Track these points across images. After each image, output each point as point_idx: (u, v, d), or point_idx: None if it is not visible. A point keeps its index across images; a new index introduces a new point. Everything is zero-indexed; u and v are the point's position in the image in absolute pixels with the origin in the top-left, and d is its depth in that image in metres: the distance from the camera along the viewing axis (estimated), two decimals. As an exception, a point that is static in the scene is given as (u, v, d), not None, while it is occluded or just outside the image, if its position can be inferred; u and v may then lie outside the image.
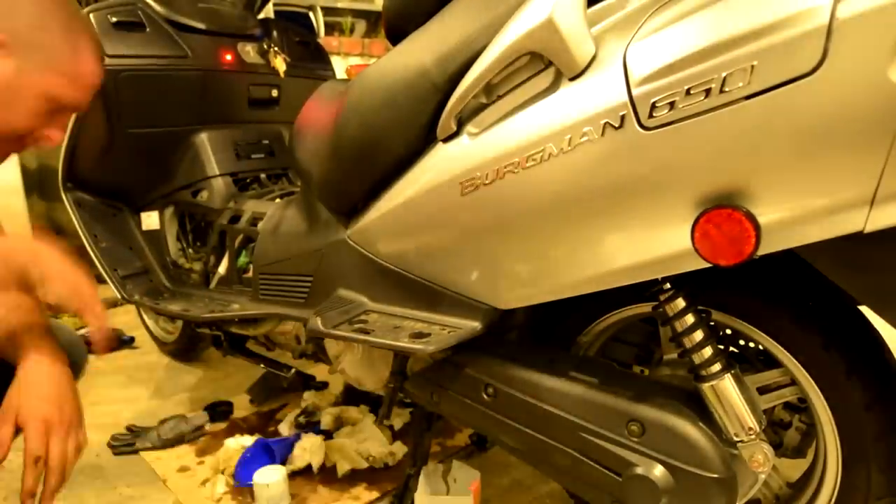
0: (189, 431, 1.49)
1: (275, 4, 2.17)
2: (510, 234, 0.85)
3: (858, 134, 0.58)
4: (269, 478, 1.26)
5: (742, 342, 0.96)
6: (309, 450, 1.40)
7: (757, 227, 0.66)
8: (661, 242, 0.74)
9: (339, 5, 3.91)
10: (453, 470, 1.22)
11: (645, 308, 0.93)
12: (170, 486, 1.40)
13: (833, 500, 0.86)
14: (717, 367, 0.83)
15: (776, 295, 0.84)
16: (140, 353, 2.16)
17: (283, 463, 1.38)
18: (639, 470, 0.83)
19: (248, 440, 1.44)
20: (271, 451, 1.37)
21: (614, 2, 0.76)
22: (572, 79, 0.75)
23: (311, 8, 2.15)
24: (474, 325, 0.94)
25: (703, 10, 0.65)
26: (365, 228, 1.04)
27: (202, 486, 1.39)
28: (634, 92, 0.68)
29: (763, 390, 0.90)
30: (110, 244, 1.70)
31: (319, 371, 1.82)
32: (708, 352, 0.84)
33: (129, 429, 1.57)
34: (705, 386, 0.84)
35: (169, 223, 1.82)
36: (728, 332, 0.95)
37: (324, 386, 1.84)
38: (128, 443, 1.48)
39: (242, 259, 1.55)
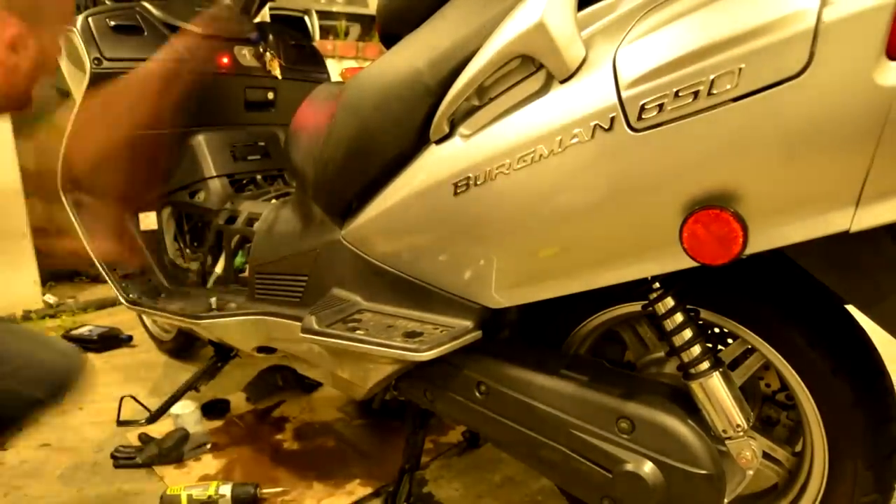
0: (189, 450, 1.51)
1: (270, 8, 2.18)
2: (502, 234, 0.86)
3: (844, 135, 0.59)
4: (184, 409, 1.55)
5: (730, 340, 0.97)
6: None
7: (744, 227, 0.67)
8: (650, 242, 0.75)
9: (334, 9, 3.92)
10: None
11: (635, 307, 0.94)
12: (167, 482, 1.41)
13: (820, 496, 0.88)
14: (705, 364, 0.84)
15: (764, 294, 0.85)
16: (138, 352, 2.17)
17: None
18: (629, 466, 0.84)
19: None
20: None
21: (604, 5, 0.77)
22: (563, 81, 0.76)
23: (307, 12, 2.16)
24: (466, 324, 0.95)
25: (691, 13, 0.66)
26: (359, 229, 1.05)
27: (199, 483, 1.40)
28: (624, 94, 0.69)
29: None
30: None
31: (316, 370, 1.83)
32: (696, 350, 0.85)
33: (140, 438, 1.58)
34: (694, 383, 0.85)
35: (167, 224, 1.83)
36: (716, 330, 0.96)
37: (319, 384, 1.84)
38: (129, 456, 1.50)
39: (239, 259, 1.56)
